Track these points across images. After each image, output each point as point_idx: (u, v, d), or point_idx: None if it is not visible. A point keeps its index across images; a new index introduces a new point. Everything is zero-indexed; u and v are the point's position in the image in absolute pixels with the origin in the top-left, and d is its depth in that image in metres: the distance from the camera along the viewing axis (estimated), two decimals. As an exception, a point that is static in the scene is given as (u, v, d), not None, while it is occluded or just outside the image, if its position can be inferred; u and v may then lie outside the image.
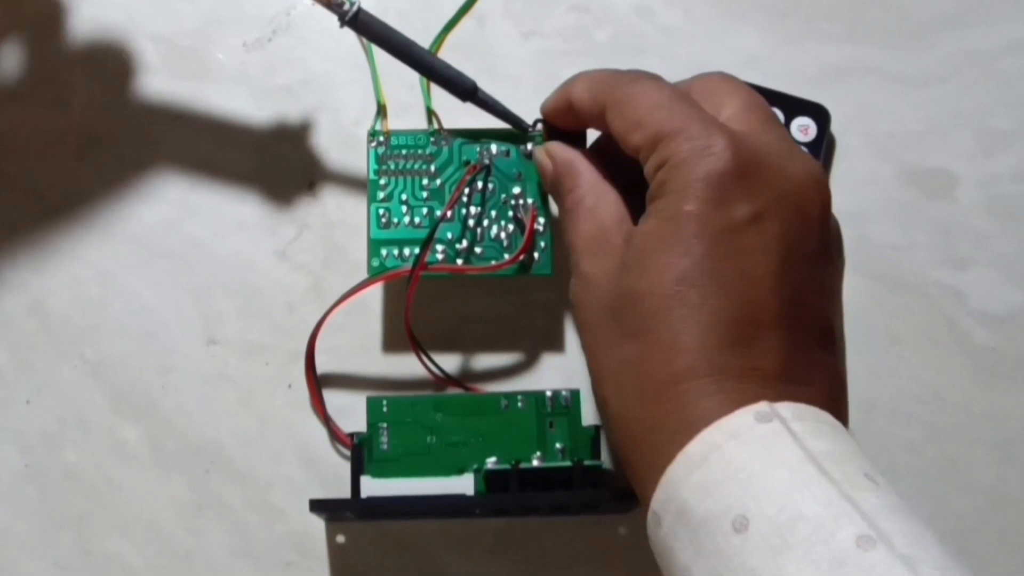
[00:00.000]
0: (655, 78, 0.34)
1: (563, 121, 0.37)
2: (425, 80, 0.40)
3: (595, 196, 0.35)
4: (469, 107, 0.38)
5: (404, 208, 0.38)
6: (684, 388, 0.29)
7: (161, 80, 0.42)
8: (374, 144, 0.39)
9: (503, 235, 0.38)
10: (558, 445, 0.37)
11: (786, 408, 0.29)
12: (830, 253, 0.33)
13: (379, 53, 0.37)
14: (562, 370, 0.40)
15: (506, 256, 0.38)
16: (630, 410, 0.31)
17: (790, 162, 0.32)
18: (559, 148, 0.36)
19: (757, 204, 0.31)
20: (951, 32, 0.43)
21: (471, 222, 0.38)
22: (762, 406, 0.29)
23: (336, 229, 0.41)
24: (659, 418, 0.30)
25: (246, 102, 0.42)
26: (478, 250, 0.38)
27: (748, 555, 0.27)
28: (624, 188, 0.35)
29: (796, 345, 0.30)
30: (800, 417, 0.29)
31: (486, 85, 0.37)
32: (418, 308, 0.38)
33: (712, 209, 0.30)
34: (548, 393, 0.37)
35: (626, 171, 0.34)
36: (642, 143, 0.32)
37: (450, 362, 0.40)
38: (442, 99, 0.39)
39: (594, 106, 0.34)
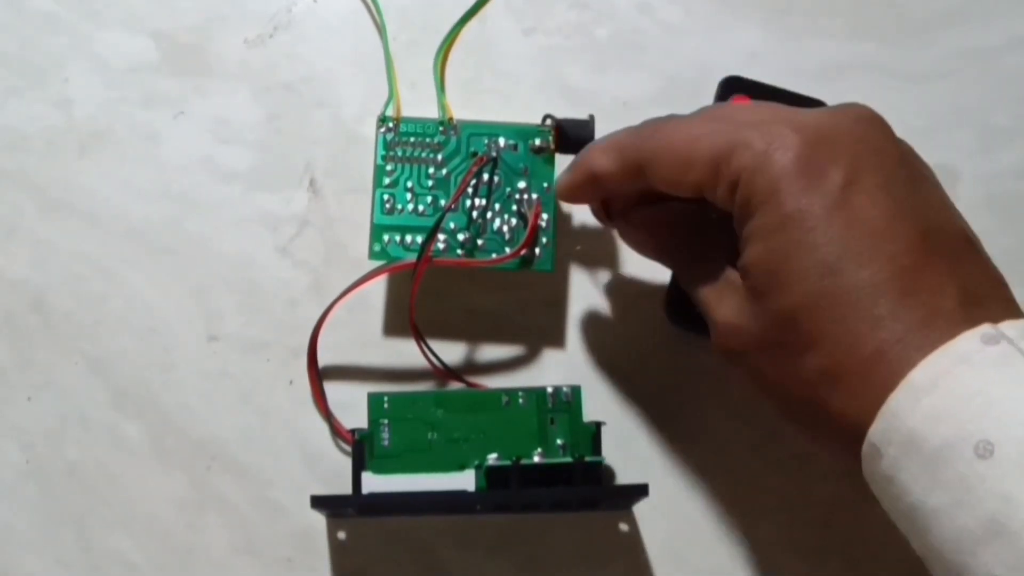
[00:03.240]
0: (674, 116, 0.33)
1: (585, 198, 0.36)
2: (439, 71, 0.40)
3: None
4: (476, 99, 0.38)
5: (408, 195, 0.38)
6: (889, 358, 0.28)
7: (162, 76, 0.42)
8: (383, 130, 0.39)
9: (506, 228, 0.38)
10: (559, 441, 0.37)
11: (1010, 327, 0.28)
12: (922, 171, 0.32)
13: (392, 41, 0.37)
14: (563, 366, 0.40)
15: (507, 250, 0.38)
16: (831, 404, 0.30)
17: (839, 116, 0.31)
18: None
19: (842, 167, 0.30)
20: (951, 29, 0.43)
21: (475, 214, 0.38)
22: (986, 328, 0.28)
23: (337, 226, 0.41)
24: (869, 377, 0.29)
25: (247, 99, 0.42)
26: (480, 242, 0.38)
27: (998, 481, 0.26)
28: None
29: (956, 266, 0.30)
30: None
31: (488, 82, 0.37)
32: (419, 301, 0.38)
33: (809, 195, 0.30)
34: (549, 389, 0.37)
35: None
36: (703, 176, 0.32)
37: (451, 357, 0.40)
38: (451, 96, 0.39)
39: (626, 169, 0.34)
